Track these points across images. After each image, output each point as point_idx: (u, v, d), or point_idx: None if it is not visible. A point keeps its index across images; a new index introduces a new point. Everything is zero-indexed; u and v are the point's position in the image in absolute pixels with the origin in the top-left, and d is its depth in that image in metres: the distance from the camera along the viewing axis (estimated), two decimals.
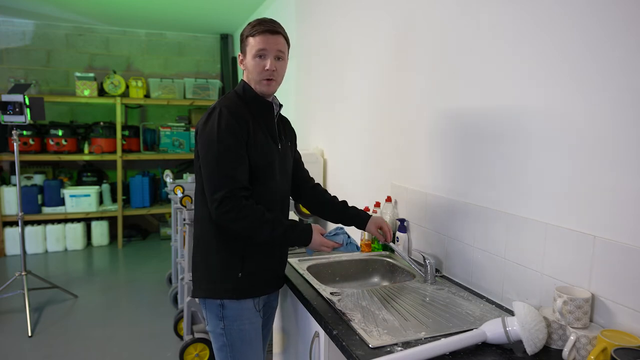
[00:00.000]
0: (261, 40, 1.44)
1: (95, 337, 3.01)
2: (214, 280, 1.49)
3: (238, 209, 1.37)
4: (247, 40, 1.48)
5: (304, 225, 1.47)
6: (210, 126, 1.42)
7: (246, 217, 1.38)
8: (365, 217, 1.68)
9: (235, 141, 1.41)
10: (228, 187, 1.37)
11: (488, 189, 1.52)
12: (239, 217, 1.38)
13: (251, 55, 1.46)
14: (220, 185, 1.38)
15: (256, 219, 1.39)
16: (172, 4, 4.38)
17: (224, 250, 1.48)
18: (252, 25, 1.47)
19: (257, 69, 1.46)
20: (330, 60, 2.87)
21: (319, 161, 2.95)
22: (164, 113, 5.73)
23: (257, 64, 1.46)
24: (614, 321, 1.11)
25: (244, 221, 1.38)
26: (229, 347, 1.50)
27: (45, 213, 4.89)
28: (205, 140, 1.43)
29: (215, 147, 1.40)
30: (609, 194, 1.12)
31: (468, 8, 1.59)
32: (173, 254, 3.55)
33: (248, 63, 1.48)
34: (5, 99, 3.23)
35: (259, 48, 1.45)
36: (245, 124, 1.44)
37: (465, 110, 1.62)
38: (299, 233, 1.44)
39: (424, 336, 1.20)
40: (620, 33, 1.08)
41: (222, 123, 1.40)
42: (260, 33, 1.44)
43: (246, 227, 1.40)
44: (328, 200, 1.73)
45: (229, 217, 1.38)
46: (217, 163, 1.39)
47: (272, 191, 1.52)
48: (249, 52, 1.47)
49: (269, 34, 1.45)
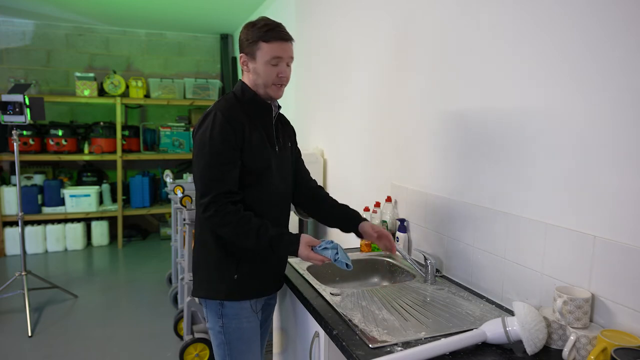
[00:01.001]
0: (277, 47, 1.43)
1: (95, 337, 3.01)
2: (211, 280, 1.50)
3: (222, 215, 1.37)
4: (258, 44, 1.43)
5: (291, 236, 1.42)
6: (203, 130, 1.43)
7: (229, 223, 1.37)
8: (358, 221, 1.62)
9: (227, 146, 1.40)
10: (214, 191, 1.38)
11: (488, 188, 1.51)
12: (222, 223, 1.38)
13: (264, 61, 1.44)
14: (206, 189, 1.39)
15: (240, 226, 1.37)
16: (172, 4, 4.38)
17: (220, 252, 1.49)
18: (259, 27, 1.44)
19: (270, 75, 1.45)
20: (330, 60, 2.87)
21: (319, 161, 2.95)
22: (164, 113, 5.73)
23: (270, 70, 1.45)
24: (614, 321, 1.11)
25: (227, 227, 1.38)
26: (226, 345, 1.51)
27: (45, 213, 4.88)
28: (197, 143, 1.44)
29: (206, 150, 1.40)
30: (609, 194, 1.12)
31: (468, 8, 1.59)
32: (173, 254, 3.55)
33: (259, 68, 1.46)
34: (5, 99, 3.23)
35: (276, 56, 1.43)
36: (241, 128, 1.43)
37: (465, 110, 1.62)
38: (285, 245, 1.39)
39: (424, 336, 1.20)
40: (620, 33, 1.08)
41: (215, 127, 1.41)
42: (275, 40, 1.43)
43: (230, 233, 1.40)
44: (328, 206, 1.69)
45: (213, 221, 1.39)
46: (205, 167, 1.40)
47: (270, 194, 1.52)
48: (261, 57, 1.44)
49: (284, 41, 1.44)
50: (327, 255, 1.38)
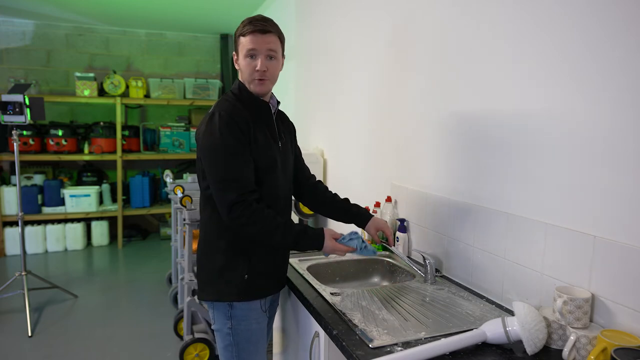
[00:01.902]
0: (251, 40, 1.43)
1: (95, 337, 3.01)
2: (221, 282, 1.48)
3: (248, 215, 1.36)
4: (239, 39, 1.46)
5: (316, 230, 1.44)
6: (211, 131, 1.41)
7: (256, 222, 1.36)
8: (366, 217, 1.67)
9: (240, 144, 1.40)
10: (237, 191, 1.36)
11: (488, 188, 1.52)
12: (249, 223, 1.37)
13: (242, 55, 1.46)
14: (228, 190, 1.37)
15: (267, 224, 1.37)
16: (172, 4, 4.38)
17: (229, 252, 1.48)
18: (243, 24, 1.46)
19: (248, 70, 1.45)
20: (330, 60, 2.87)
21: (319, 161, 2.95)
22: (164, 113, 5.73)
23: (248, 64, 1.45)
24: (614, 321, 1.11)
25: (254, 227, 1.37)
26: (234, 347, 1.50)
27: (45, 213, 4.89)
28: (207, 146, 1.41)
29: (219, 152, 1.39)
30: (609, 194, 1.12)
31: (468, 8, 1.59)
32: (173, 254, 3.55)
33: (240, 63, 1.48)
34: (5, 99, 3.23)
35: (249, 48, 1.43)
36: (247, 126, 1.43)
37: (465, 110, 1.62)
38: (311, 239, 1.41)
39: (424, 336, 1.20)
40: (620, 33, 1.08)
41: (223, 127, 1.39)
42: (250, 32, 1.43)
43: (256, 232, 1.39)
44: (329, 199, 1.72)
45: (239, 222, 1.37)
46: (222, 168, 1.38)
47: (275, 191, 1.51)
48: (241, 51, 1.46)
49: (259, 33, 1.43)
50: (354, 246, 1.44)
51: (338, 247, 1.43)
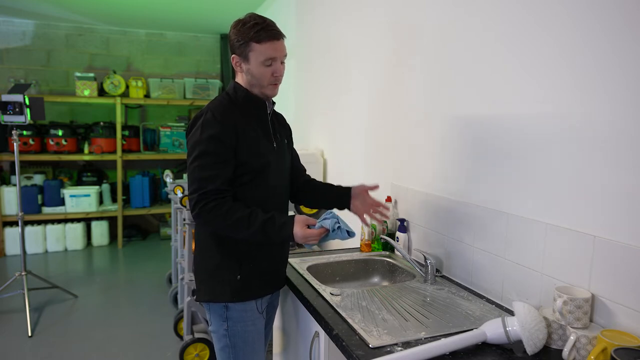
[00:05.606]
0: (270, 47, 1.40)
1: (95, 337, 3.01)
2: (215, 283, 1.49)
3: (207, 210, 1.36)
4: (250, 45, 1.40)
5: (284, 217, 1.39)
6: (194, 130, 1.43)
7: (217, 216, 1.36)
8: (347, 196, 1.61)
9: (218, 145, 1.39)
10: (201, 189, 1.37)
11: (488, 188, 1.51)
12: (210, 218, 1.37)
13: (258, 62, 1.42)
14: (194, 188, 1.39)
15: (229, 217, 1.36)
16: (172, 4, 4.38)
17: (221, 253, 1.48)
18: (249, 27, 1.40)
19: (265, 76, 1.44)
20: (330, 60, 2.87)
21: (319, 161, 2.95)
22: (164, 113, 5.73)
23: (265, 71, 1.43)
24: (614, 321, 1.11)
25: (216, 221, 1.37)
26: (231, 348, 1.50)
27: (45, 213, 4.89)
28: (190, 144, 1.44)
29: (197, 150, 1.40)
30: (609, 193, 1.12)
31: (469, 8, 1.59)
32: (173, 254, 3.55)
33: (253, 69, 1.43)
34: (5, 99, 3.23)
35: (270, 57, 1.41)
36: (233, 127, 1.42)
37: (464, 110, 1.62)
38: (279, 227, 1.36)
39: (424, 336, 1.20)
40: (620, 33, 1.08)
41: (205, 127, 1.40)
42: (267, 40, 1.40)
43: (221, 226, 1.39)
44: (313, 189, 1.70)
45: (203, 219, 1.39)
46: (197, 167, 1.39)
47: (269, 191, 1.51)
48: (255, 58, 1.41)
49: (276, 40, 1.42)
50: (327, 226, 1.35)
51: (307, 233, 1.35)
